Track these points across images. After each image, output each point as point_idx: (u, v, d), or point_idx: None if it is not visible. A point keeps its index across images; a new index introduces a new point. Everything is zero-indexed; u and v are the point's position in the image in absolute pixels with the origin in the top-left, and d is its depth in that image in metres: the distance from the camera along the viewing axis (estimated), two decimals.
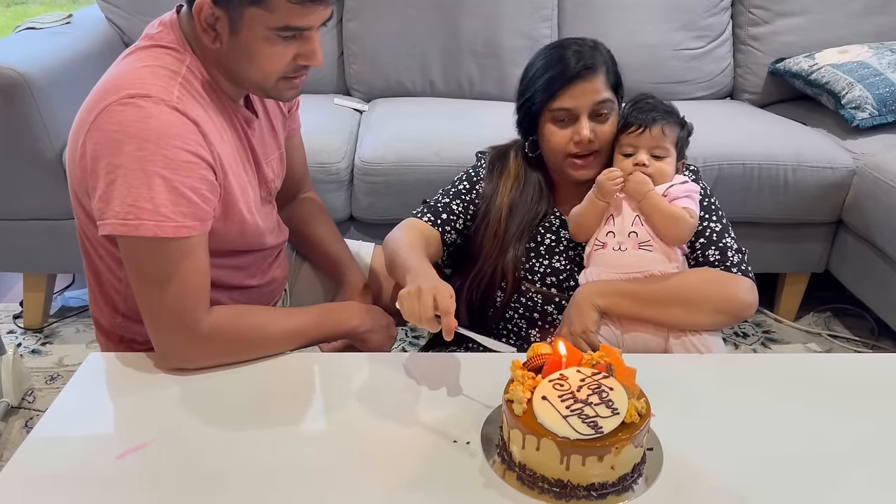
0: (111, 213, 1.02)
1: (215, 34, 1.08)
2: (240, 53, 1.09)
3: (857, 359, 1.56)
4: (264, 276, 1.34)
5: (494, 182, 1.39)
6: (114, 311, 1.23)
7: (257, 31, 1.06)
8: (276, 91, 1.15)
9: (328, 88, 2.58)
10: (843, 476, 0.93)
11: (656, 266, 1.27)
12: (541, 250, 1.36)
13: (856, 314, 2.37)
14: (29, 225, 2.05)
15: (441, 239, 1.37)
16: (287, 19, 1.05)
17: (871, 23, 2.56)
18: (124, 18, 2.48)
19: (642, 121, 1.28)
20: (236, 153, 1.17)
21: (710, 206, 1.35)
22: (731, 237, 1.32)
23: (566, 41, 1.34)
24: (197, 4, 1.05)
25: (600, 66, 1.29)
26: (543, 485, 0.87)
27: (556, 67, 1.29)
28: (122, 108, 1.02)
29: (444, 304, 1.05)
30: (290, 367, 1.14)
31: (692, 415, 1.04)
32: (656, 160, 1.29)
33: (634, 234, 1.27)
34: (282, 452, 0.94)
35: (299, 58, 1.11)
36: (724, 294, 1.27)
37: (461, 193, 1.40)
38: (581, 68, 1.27)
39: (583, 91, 1.28)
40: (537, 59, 1.35)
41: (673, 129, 1.30)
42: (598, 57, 1.30)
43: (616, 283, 1.27)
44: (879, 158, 2.08)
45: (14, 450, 1.01)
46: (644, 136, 1.28)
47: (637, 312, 1.26)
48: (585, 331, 1.24)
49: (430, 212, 1.38)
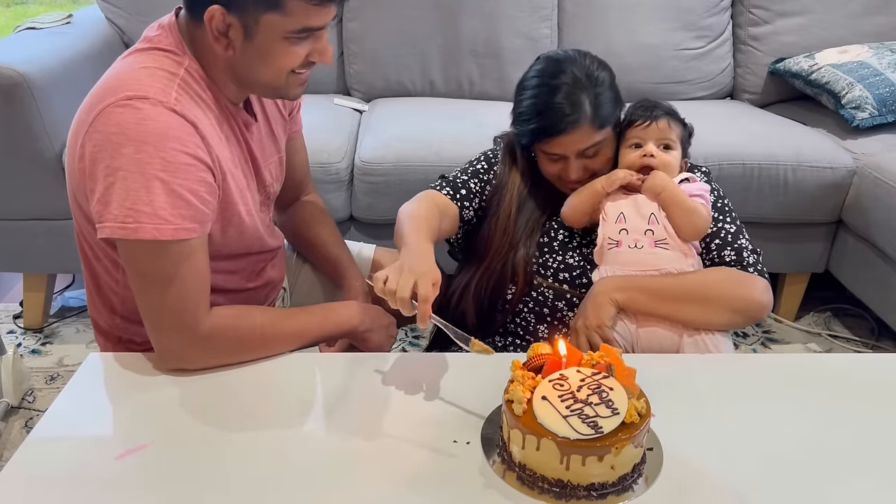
0: (110, 216, 1.02)
1: (228, 41, 1.08)
2: (253, 58, 1.09)
3: (857, 359, 1.56)
4: (260, 278, 1.34)
5: (506, 174, 1.39)
6: (112, 313, 1.23)
7: (274, 35, 1.06)
8: (287, 88, 1.15)
9: (328, 88, 2.58)
10: (843, 476, 0.93)
11: (673, 264, 1.26)
12: (554, 245, 1.35)
13: (856, 314, 2.37)
14: (29, 225, 2.05)
15: (459, 214, 1.37)
16: (304, 21, 1.06)
17: (871, 23, 2.56)
18: (124, 18, 2.48)
19: (648, 115, 1.30)
20: (235, 156, 1.17)
21: (724, 207, 1.35)
22: (745, 238, 1.32)
23: (553, 79, 1.28)
24: (208, 13, 1.05)
25: (583, 117, 1.26)
26: (543, 485, 0.87)
27: (542, 117, 1.27)
28: (119, 110, 1.02)
29: (423, 291, 1.03)
30: (290, 367, 1.14)
31: (692, 415, 1.04)
32: (663, 152, 1.30)
33: (651, 231, 1.27)
34: (281, 453, 0.94)
35: (312, 55, 1.12)
36: (742, 294, 1.27)
37: (479, 173, 1.41)
38: (566, 124, 1.25)
39: (568, 142, 1.28)
40: (527, 87, 1.31)
41: (677, 125, 1.32)
42: (583, 105, 1.25)
43: (635, 279, 1.26)
44: (879, 158, 2.08)
45: (14, 450, 1.01)
46: (651, 129, 1.30)
47: (655, 309, 1.26)
48: (601, 325, 1.23)
49: (449, 185, 1.39)
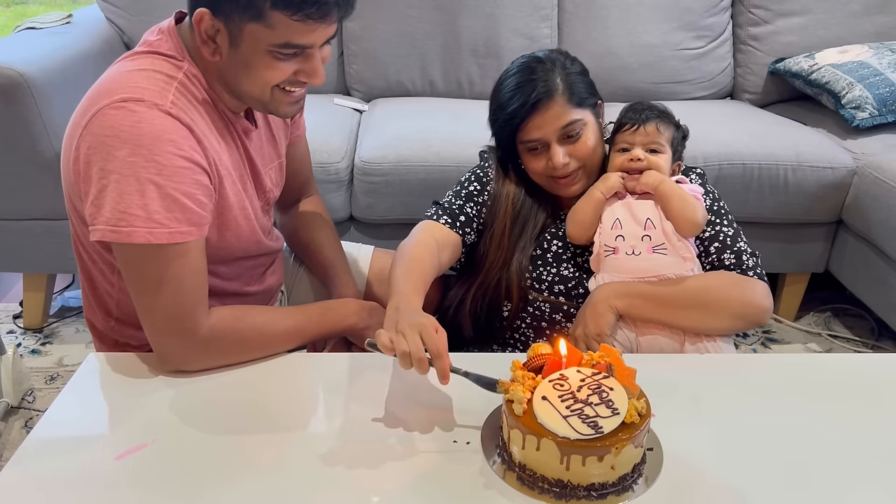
0: (102, 219, 1.01)
1: (215, 46, 1.07)
2: (238, 67, 1.08)
3: (857, 359, 1.55)
4: (261, 283, 1.34)
5: (499, 189, 1.37)
6: (107, 315, 1.23)
7: (257, 46, 1.05)
8: (275, 104, 1.12)
9: (328, 88, 2.57)
10: (843, 476, 0.93)
11: (671, 269, 1.25)
12: (548, 258, 1.34)
13: (856, 314, 2.37)
14: (29, 225, 2.05)
15: (462, 241, 1.35)
16: (288, 37, 1.04)
17: (871, 23, 2.56)
18: (124, 18, 2.48)
19: (636, 118, 1.30)
20: (233, 161, 1.16)
21: (721, 209, 1.34)
22: (743, 241, 1.31)
23: (523, 66, 1.31)
24: (197, 15, 1.04)
25: (556, 91, 1.27)
26: (543, 485, 0.87)
27: (513, 101, 1.28)
28: (114, 112, 1.01)
29: (434, 345, 0.96)
30: (289, 368, 1.14)
31: (692, 415, 1.04)
32: (651, 154, 1.29)
33: (648, 237, 1.26)
34: (281, 453, 0.94)
35: (299, 74, 1.09)
36: (743, 298, 1.25)
37: (473, 196, 1.37)
38: (535, 100, 1.26)
39: (544, 120, 1.27)
40: (498, 88, 1.33)
41: (668, 128, 1.31)
42: (553, 80, 1.27)
43: (635, 285, 1.25)
44: (879, 158, 2.08)
45: (14, 450, 1.01)
46: (639, 133, 1.29)
47: (655, 315, 1.24)
48: (601, 334, 1.22)
49: (447, 214, 1.35)
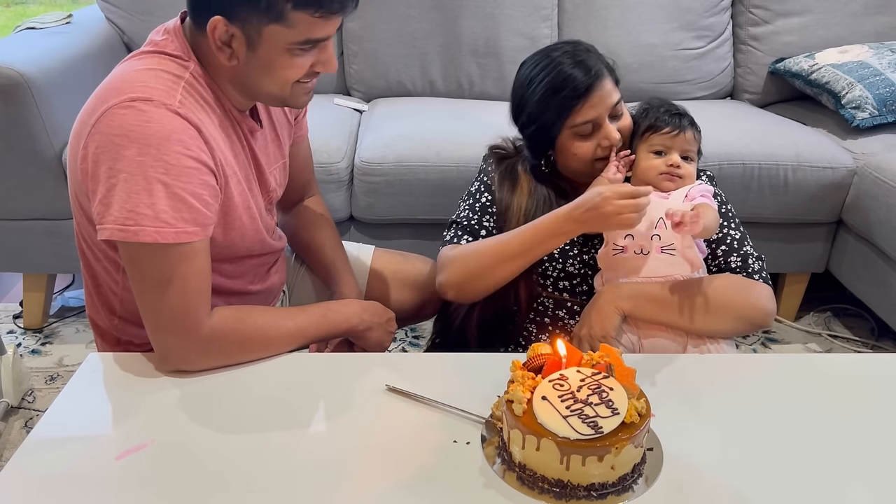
0: (110, 218, 1.01)
1: (231, 51, 1.07)
2: (258, 69, 1.09)
3: (857, 359, 1.55)
4: (264, 282, 1.34)
5: (507, 198, 1.35)
6: (110, 314, 1.23)
7: (277, 46, 1.06)
8: (293, 98, 1.15)
9: (328, 88, 2.58)
10: (843, 476, 0.93)
11: (679, 270, 1.24)
12: (554, 253, 1.33)
13: (856, 314, 2.37)
14: (29, 225, 2.05)
15: None
16: (308, 33, 1.06)
17: (871, 23, 2.56)
18: (124, 18, 2.48)
19: (677, 124, 1.28)
20: (239, 161, 1.17)
21: (728, 212, 1.33)
22: (749, 244, 1.31)
23: (557, 56, 1.30)
24: (211, 23, 1.04)
25: (603, 70, 1.29)
26: (543, 485, 0.87)
27: (565, 86, 1.27)
28: (123, 112, 1.01)
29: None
30: (290, 368, 1.14)
31: (692, 415, 1.04)
32: (686, 162, 1.29)
33: (657, 236, 1.25)
34: (281, 453, 0.94)
35: (316, 65, 1.11)
36: (748, 301, 1.25)
37: (487, 208, 1.36)
38: (591, 79, 1.26)
39: (600, 99, 1.27)
40: (534, 82, 1.30)
41: (698, 136, 1.31)
42: (595, 60, 1.29)
43: (641, 286, 1.24)
44: (879, 158, 2.08)
45: (14, 450, 1.01)
46: (679, 139, 1.28)
47: (661, 317, 1.24)
48: (606, 336, 1.21)
49: (468, 233, 1.34)
